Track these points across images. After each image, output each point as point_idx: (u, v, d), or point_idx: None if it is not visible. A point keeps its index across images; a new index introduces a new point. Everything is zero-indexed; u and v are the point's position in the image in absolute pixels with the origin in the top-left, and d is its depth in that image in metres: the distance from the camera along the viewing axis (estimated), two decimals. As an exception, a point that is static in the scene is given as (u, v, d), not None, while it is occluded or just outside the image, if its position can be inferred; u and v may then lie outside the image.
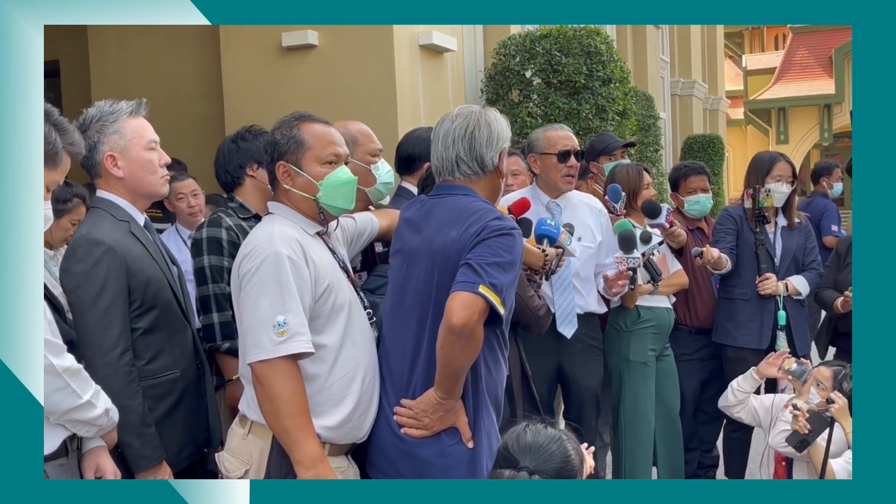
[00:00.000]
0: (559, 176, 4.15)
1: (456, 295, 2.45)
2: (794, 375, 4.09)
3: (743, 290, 4.75)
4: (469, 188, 2.71)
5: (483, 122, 2.70)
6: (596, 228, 4.24)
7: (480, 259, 2.49)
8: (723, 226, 4.84)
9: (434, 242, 2.62)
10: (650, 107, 12.82)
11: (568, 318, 4.10)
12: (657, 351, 4.51)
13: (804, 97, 33.63)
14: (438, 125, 2.76)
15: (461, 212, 2.62)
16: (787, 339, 4.60)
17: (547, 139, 4.17)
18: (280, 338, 2.41)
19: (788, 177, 4.74)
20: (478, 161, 2.69)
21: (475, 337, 2.47)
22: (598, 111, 7.64)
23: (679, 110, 18.91)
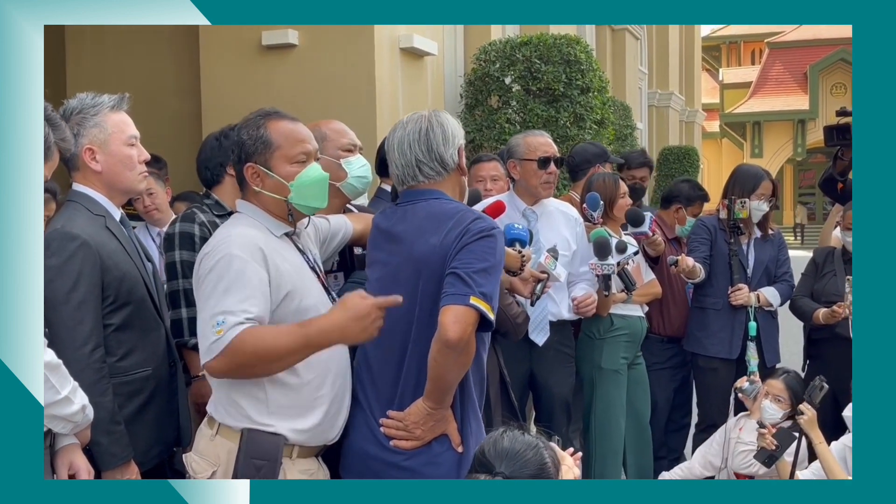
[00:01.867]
0: (538, 182, 4.16)
1: (448, 309, 2.41)
2: (746, 393, 4.14)
3: (715, 300, 4.78)
4: (437, 190, 2.69)
5: (435, 122, 2.69)
6: (571, 237, 4.24)
7: (467, 267, 2.46)
8: (697, 235, 4.87)
9: (415, 251, 2.58)
10: (627, 117, 12.92)
11: (540, 325, 4.11)
12: (629, 359, 4.53)
13: (779, 112, 34.03)
14: (391, 135, 2.74)
15: (437, 216, 2.60)
16: (757, 349, 4.64)
17: (527, 145, 4.19)
18: (216, 336, 2.31)
19: (770, 195, 4.79)
20: (438, 161, 2.67)
21: (469, 349, 2.46)
22: (576, 119, 7.69)
23: (656, 121, 19.06)
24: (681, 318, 4.97)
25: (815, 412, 3.82)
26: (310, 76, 6.17)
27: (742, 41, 40.14)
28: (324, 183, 2.62)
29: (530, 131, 4.43)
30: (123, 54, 7.01)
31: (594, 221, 4.37)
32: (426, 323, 2.54)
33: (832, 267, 4.69)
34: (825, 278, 4.70)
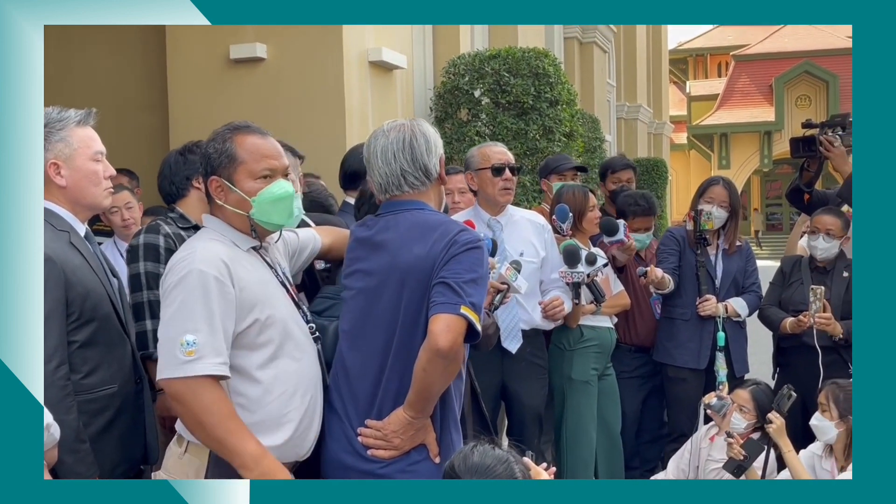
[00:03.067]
0: (496, 190, 4.17)
1: (439, 317, 2.42)
2: (714, 409, 4.15)
3: (683, 311, 4.81)
4: (420, 201, 2.69)
5: (418, 131, 2.69)
6: (539, 244, 4.26)
7: (457, 277, 2.46)
8: (666, 246, 4.90)
9: (399, 260, 2.57)
10: (596, 129, 12.97)
11: (512, 332, 4.11)
12: (599, 370, 4.54)
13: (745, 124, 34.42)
14: (372, 143, 2.72)
15: (422, 227, 2.59)
16: (726, 359, 4.66)
17: (481, 155, 4.22)
18: (186, 357, 2.31)
19: (722, 201, 4.82)
20: (422, 170, 2.67)
21: (458, 358, 2.46)
22: (546, 132, 7.71)
23: (624, 133, 19.17)
24: (647, 328, 4.99)
25: (784, 421, 3.84)
26: (278, 90, 6.14)
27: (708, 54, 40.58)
28: (288, 200, 2.59)
29: (485, 143, 4.45)
30: (90, 68, 6.95)
31: (563, 233, 4.38)
32: (409, 331, 2.53)
33: (799, 276, 4.73)
34: (792, 287, 4.74)
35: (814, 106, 33.04)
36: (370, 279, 2.65)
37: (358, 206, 3.23)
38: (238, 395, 2.45)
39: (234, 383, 2.44)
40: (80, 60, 6.98)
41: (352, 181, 4.10)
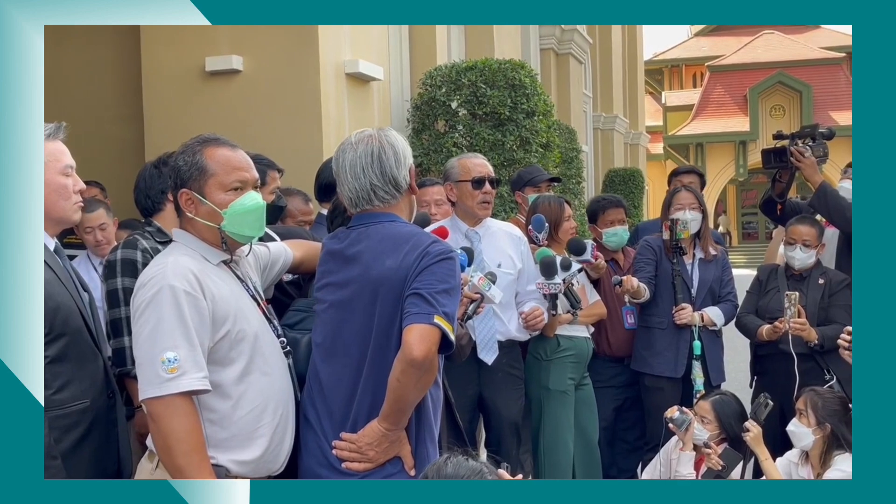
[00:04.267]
0: (475, 202, 4.17)
1: (413, 328, 2.42)
2: (676, 424, 4.13)
3: (660, 320, 4.81)
4: (391, 213, 2.68)
5: (386, 143, 2.67)
6: (516, 256, 4.25)
7: (429, 287, 2.47)
8: (642, 256, 4.91)
9: (371, 273, 2.57)
10: (573, 140, 13.01)
11: (488, 344, 4.10)
12: (576, 380, 4.53)
13: (720, 133, 34.66)
14: (340, 157, 2.70)
15: (394, 239, 2.59)
16: (703, 368, 4.67)
17: (462, 167, 4.21)
18: (169, 375, 2.31)
19: (691, 203, 4.85)
20: (392, 184, 2.66)
21: (433, 369, 2.46)
22: (523, 143, 7.73)
23: (601, 144, 19.26)
24: (619, 338, 4.99)
25: (761, 429, 3.85)
26: (255, 102, 6.12)
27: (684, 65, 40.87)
28: (260, 212, 2.59)
29: (465, 154, 4.44)
30: (63, 78, 6.89)
31: (539, 243, 4.38)
32: (382, 343, 2.53)
33: (775, 283, 4.75)
34: (769, 295, 4.76)
35: (787, 116, 33.33)
36: (342, 292, 2.64)
37: (331, 218, 3.22)
38: (209, 410, 2.43)
39: (206, 398, 2.42)
40: (54, 70, 6.91)
41: (327, 193, 4.09)
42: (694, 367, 4.65)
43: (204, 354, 2.39)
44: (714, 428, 4.09)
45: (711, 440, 4.04)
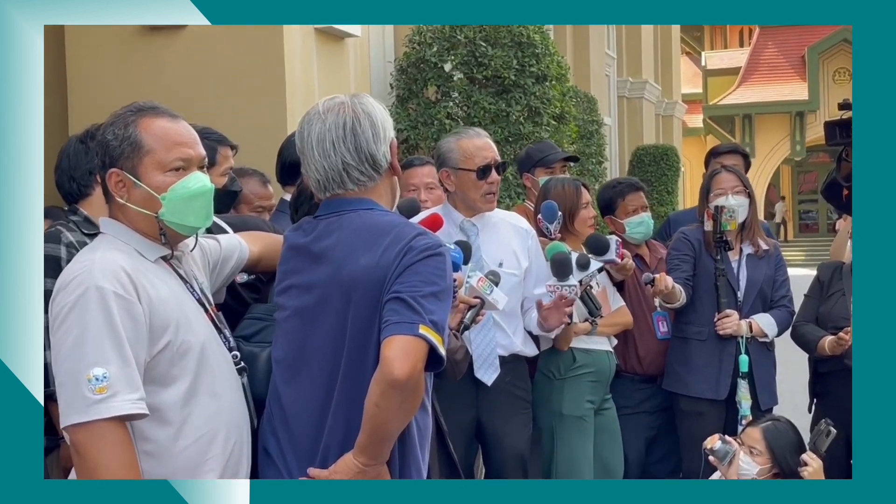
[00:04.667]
0: (478, 195, 4.15)
1: (393, 340, 2.41)
2: (718, 456, 4.09)
3: (699, 329, 4.82)
4: (367, 198, 2.68)
5: (361, 112, 2.65)
6: (521, 252, 4.25)
7: (413, 290, 2.47)
8: (678, 251, 4.91)
9: (342, 273, 2.58)
10: (593, 110, 13.04)
11: (487, 360, 4.09)
12: (596, 403, 4.54)
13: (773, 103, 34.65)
14: (305, 129, 2.68)
15: (370, 230, 2.59)
16: (750, 388, 4.66)
17: (462, 151, 4.15)
18: (97, 395, 2.28)
19: (734, 187, 4.86)
20: (369, 163, 2.65)
21: (419, 390, 2.45)
22: (531, 114, 7.72)
23: (627, 115, 19.28)
24: (650, 352, 5.00)
25: (822, 462, 3.84)
26: (205, 62, 6.07)
27: (728, 20, 40.89)
28: (207, 197, 2.59)
29: (464, 131, 4.37)
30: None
31: (550, 236, 4.37)
32: (357, 359, 2.53)
33: (840, 286, 4.75)
34: (832, 299, 4.75)
35: (854, 82, 33.38)
36: (308, 296, 2.64)
37: (295, 205, 3.21)
38: (146, 440, 2.42)
39: (141, 425, 2.41)
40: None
41: (291, 175, 4.09)
42: (740, 386, 4.65)
43: (139, 371, 2.37)
44: (765, 461, 4.08)
45: (761, 476, 4.03)
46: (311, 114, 2.70)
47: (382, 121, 2.69)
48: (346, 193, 2.68)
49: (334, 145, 2.63)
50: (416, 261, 2.51)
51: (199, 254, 2.80)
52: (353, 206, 2.67)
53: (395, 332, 2.42)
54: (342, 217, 2.66)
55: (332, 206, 2.70)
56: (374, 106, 2.71)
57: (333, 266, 2.60)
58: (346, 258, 2.58)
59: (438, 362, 2.49)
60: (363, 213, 2.65)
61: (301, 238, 2.73)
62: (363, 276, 2.54)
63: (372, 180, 2.68)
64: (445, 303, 2.53)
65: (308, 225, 2.74)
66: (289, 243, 2.78)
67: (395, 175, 2.78)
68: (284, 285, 2.73)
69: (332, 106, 2.67)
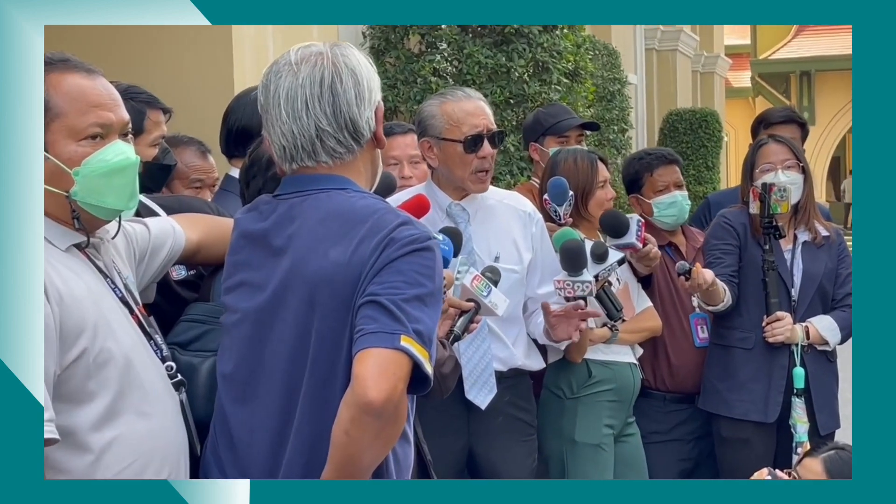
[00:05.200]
0: (467, 173, 4.12)
1: (368, 354, 2.39)
2: None
3: (743, 336, 4.83)
4: (342, 176, 2.66)
5: (343, 67, 2.63)
6: (524, 242, 4.24)
7: (393, 292, 2.45)
8: (719, 239, 4.93)
9: (306, 269, 2.56)
10: (615, 66, 13.05)
11: (481, 378, 4.08)
12: (616, 428, 4.55)
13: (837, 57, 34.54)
14: (271, 82, 2.65)
15: (343, 217, 2.58)
16: (807, 409, 4.66)
17: (447, 117, 4.13)
18: None
19: (785, 160, 4.88)
20: (349, 129, 2.62)
21: (399, 416, 2.44)
22: (538, 70, 7.74)
23: (658, 73, 19.32)
24: (686, 364, 5.00)
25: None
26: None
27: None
28: (130, 172, 2.59)
29: (450, 91, 4.34)
30: None
31: (560, 221, 4.37)
32: (323, 376, 2.53)
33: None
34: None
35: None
36: (263, 296, 2.63)
37: (246, 178, 3.19)
38: (57, 471, 2.42)
39: (51, 454, 2.41)
40: None
41: (239, 144, 4.06)
42: (794, 406, 4.65)
43: (48, 387, 2.38)
44: None
45: None
46: (281, 63, 2.66)
47: (368, 79, 2.67)
48: (317, 168, 2.66)
49: (307, 105, 2.60)
50: (398, 256, 2.49)
51: (123, 242, 2.80)
52: (323, 184, 2.65)
53: (371, 345, 2.40)
54: (307, 199, 2.64)
55: (297, 183, 2.68)
56: (360, 60, 2.69)
57: (296, 260, 2.59)
58: (312, 250, 2.57)
59: (424, 382, 2.49)
60: (335, 193, 2.63)
61: (256, 222, 2.71)
62: (332, 274, 2.53)
63: (350, 153, 2.66)
64: (434, 308, 2.52)
65: (266, 206, 2.73)
66: (240, 229, 2.76)
67: (379, 147, 2.76)
68: (234, 281, 2.72)
69: (307, 55, 2.64)
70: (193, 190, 4.46)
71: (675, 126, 17.82)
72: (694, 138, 17.59)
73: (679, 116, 18.06)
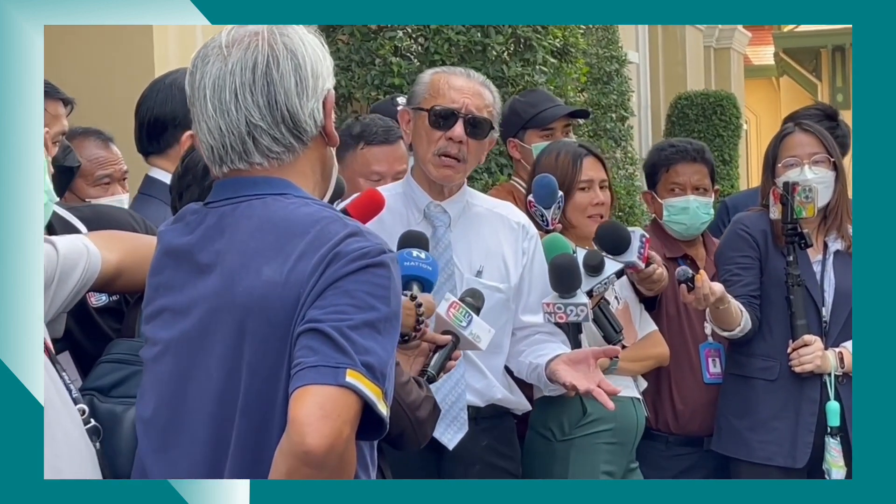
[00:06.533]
0: (429, 152, 4.13)
1: (306, 393, 2.38)
2: None
3: (766, 364, 4.87)
4: (280, 179, 2.65)
5: (281, 49, 2.62)
6: (513, 257, 4.26)
7: (339, 318, 2.43)
8: (736, 252, 4.96)
9: (236, 290, 2.56)
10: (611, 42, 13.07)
11: (450, 412, 4.09)
12: (616, 476, 4.56)
13: (876, 28, 34.78)
14: (197, 68, 2.65)
15: (279, 228, 2.58)
16: (843, 451, 4.67)
17: (431, 85, 4.20)
18: None
19: (813, 154, 4.92)
20: (289, 125, 2.62)
21: (345, 465, 2.44)
22: (520, 47, 7.75)
23: (664, 49, 19.38)
24: (695, 399, 5.04)
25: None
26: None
27: None
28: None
29: (449, 69, 4.41)
30: None
31: (546, 226, 4.41)
32: (257, 420, 2.54)
33: None
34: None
35: None
36: (186, 323, 2.63)
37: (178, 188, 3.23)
38: None
39: None
40: None
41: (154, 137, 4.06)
42: (827, 448, 4.66)
43: None
44: None
45: None
46: (209, 47, 2.66)
47: (313, 62, 2.67)
48: (251, 171, 2.65)
49: (237, 96, 2.60)
50: (344, 274, 2.48)
51: None
52: (259, 188, 2.64)
53: (310, 381, 2.39)
54: (240, 206, 2.64)
55: (229, 189, 2.67)
56: (304, 40, 2.68)
57: (224, 279, 2.59)
58: (243, 268, 2.57)
59: (378, 426, 2.49)
60: (272, 200, 2.62)
61: (181, 236, 2.71)
62: (266, 296, 2.52)
63: (290, 152, 2.65)
64: (388, 337, 2.51)
65: (193, 216, 2.72)
66: (164, 244, 2.75)
67: (330, 145, 2.75)
68: (155, 307, 2.72)
69: (239, 37, 2.64)
70: (101, 188, 4.47)
71: (684, 112, 17.86)
72: (707, 127, 17.63)
73: (689, 101, 18.09)
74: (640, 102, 16.95)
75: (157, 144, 3.86)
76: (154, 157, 4.02)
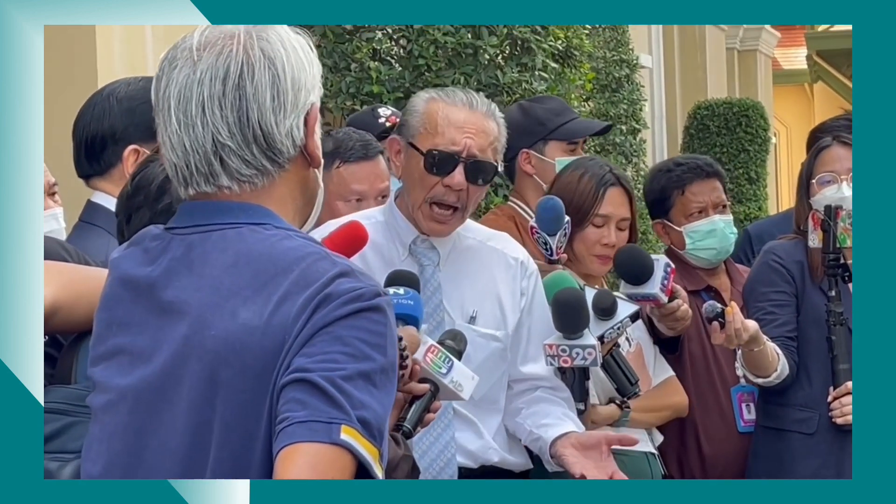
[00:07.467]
0: (420, 198, 4.09)
1: (295, 452, 2.39)
2: None
3: (804, 415, 4.90)
4: (256, 206, 2.63)
5: (258, 56, 2.60)
6: (510, 299, 4.26)
7: (330, 367, 2.43)
8: (769, 287, 5.00)
9: (206, 335, 2.54)
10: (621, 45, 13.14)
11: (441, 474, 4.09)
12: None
13: (921, 27, 35.04)
14: (164, 72, 2.63)
15: (259, 265, 2.55)
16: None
17: (427, 117, 4.14)
18: None
19: (841, 167, 4.94)
20: (261, 145, 2.59)
21: None
22: (516, 50, 7.77)
23: (680, 52, 19.49)
24: (729, 453, 5.05)
25: None
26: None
27: None
28: None
29: (453, 89, 4.38)
30: None
31: (551, 257, 4.38)
32: (227, 476, 2.53)
33: None
34: None
35: None
36: (147, 369, 2.62)
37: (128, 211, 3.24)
38: None
39: None
40: None
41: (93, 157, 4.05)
42: (873, 513, 4.66)
43: None
44: None
45: None
46: (179, 48, 2.64)
47: (295, 72, 2.64)
48: (220, 194, 2.63)
49: (204, 110, 2.58)
50: (336, 318, 2.47)
51: None
52: (233, 216, 2.62)
53: (300, 439, 2.39)
54: (212, 236, 2.62)
55: (198, 214, 2.65)
56: (286, 46, 2.65)
57: (193, 321, 2.57)
58: (216, 309, 2.55)
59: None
60: (248, 231, 2.60)
61: (141, 266, 2.69)
62: (243, 342, 2.51)
63: (264, 175, 2.62)
64: (385, 390, 2.51)
65: (154, 243, 2.69)
66: (119, 273, 2.73)
67: (313, 166, 2.72)
68: (107, 348, 2.71)
69: (213, 39, 2.63)
70: None
71: (704, 124, 17.93)
72: (731, 140, 17.70)
73: (710, 110, 18.17)
74: (653, 113, 17.04)
75: (97, 165, 3.85)
76: (95, 180, 3.99)
